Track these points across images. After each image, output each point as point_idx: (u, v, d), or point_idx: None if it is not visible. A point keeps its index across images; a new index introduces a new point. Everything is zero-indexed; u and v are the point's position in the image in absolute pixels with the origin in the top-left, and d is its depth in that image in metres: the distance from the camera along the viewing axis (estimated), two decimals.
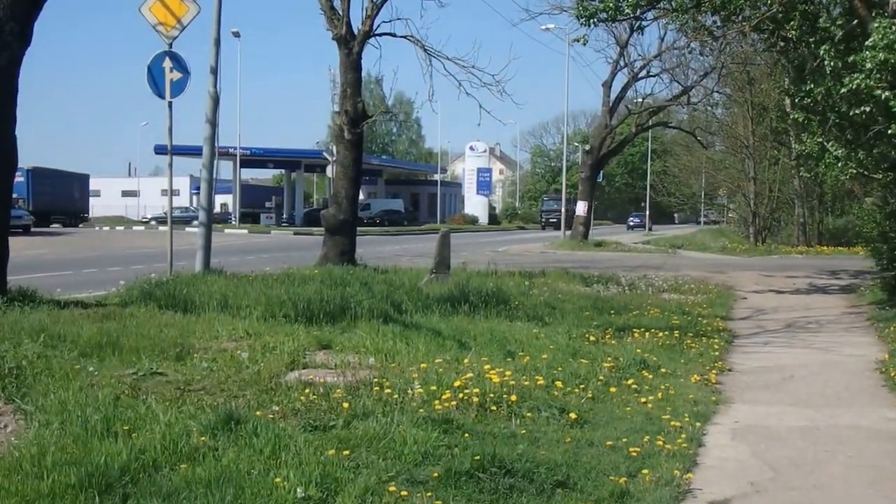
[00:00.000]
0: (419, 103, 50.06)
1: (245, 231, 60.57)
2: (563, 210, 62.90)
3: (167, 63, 16.99)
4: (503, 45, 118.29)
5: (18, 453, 6.06)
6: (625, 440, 6.96)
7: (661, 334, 12.27)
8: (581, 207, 46.70)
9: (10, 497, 5.31)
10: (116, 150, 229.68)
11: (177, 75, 17.05)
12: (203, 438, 6.36)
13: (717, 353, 11.61)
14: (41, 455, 5.93)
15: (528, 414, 7.61)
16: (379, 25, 21.77)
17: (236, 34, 63.29)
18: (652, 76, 44.56)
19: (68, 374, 8.09)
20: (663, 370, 9.97)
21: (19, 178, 47.85)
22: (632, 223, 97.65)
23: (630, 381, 9.08)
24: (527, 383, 8.46)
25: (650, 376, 9.52)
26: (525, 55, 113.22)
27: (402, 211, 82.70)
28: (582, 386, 8.71)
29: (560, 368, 9.29)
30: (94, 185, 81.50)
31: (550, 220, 79.32)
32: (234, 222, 68.86)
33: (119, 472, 5.68)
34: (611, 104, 45.02)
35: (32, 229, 50.43)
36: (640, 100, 47.26)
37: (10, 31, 12.11)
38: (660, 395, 8.68)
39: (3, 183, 12.31)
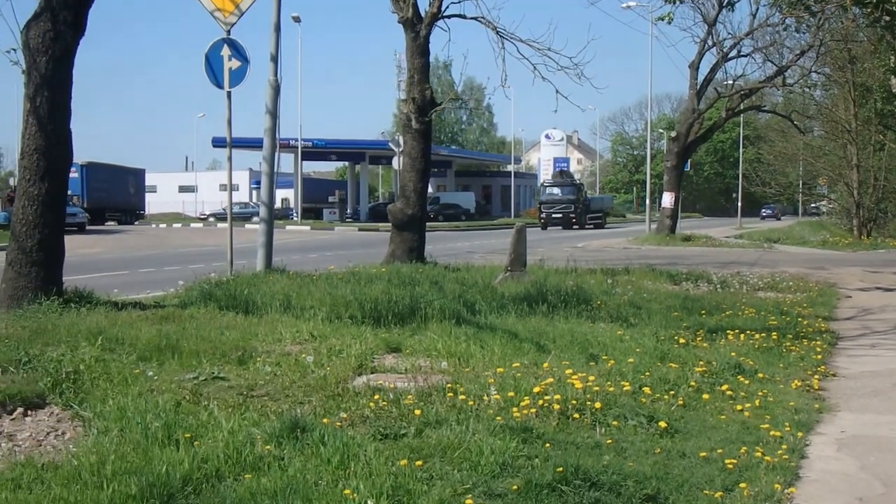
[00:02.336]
0: (491, 89, 49.80)
1: (307, 227, 61.14)
2: (578, 200, 66.42)
3: (225, 51, 17.16)
4: (581, 26, 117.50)
5: (77, 462, 6.14)
6: (720, 451, 6.86)
7: (757, 336, 12.10)
8: (667, 199, 46.29)
9: None
10: (173, 144, 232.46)
11: (235, 64, 17.20)
12: (268, 447, 6.41)
13: (819, 357, 11.40)
14: (101, 464, 6.01)
15: (614, 422, 7.53)
16: (448, 6, 21.62)
17: (296, 19, 63.95)
18: (743, 56, 44.05)
19: (127, 378, 8.24)
20: (760, 375, 9.81)
21: (73, 174, 48.66)
22: (764, 214, 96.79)
23: (724, 387, 8.96)
24: (612, 389, 8.39)
25: (746, 382, 9.37)
26: (605, 36, 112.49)
27: (460, 205, 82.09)
28: (672, 392, 8.61)
29: (647, 373, 9.20)
30: (150, 180, 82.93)
31: (554, 215, 68.96)
32: (295, 218, 69.45)
33: (181, 481, 5.75)
34: (698, 87, 44.51)
35: (87, 227, 51.35)
36: (730, 82, 46.65)
37: (63, 21, 12.33)
38: (757, 402, 8.55)
39: (58, 179, 12.51)
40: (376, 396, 7.86)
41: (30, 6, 12.36)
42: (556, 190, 71.53)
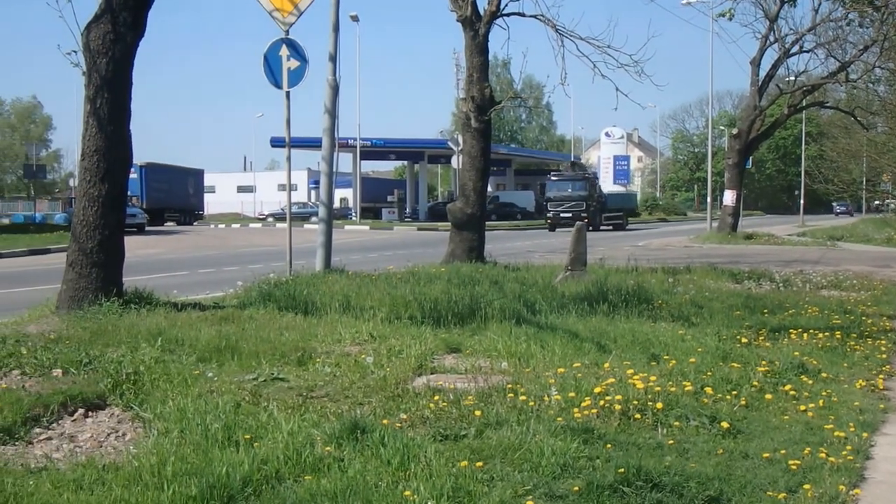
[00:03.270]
0: (550, 87, 49.88)
1: (366, 227, 61.39)
2: (591, 196, 60.17)
3: (284, 51, 17.24)
4: (641, 23, 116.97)
5: (138, 463, 6.20)
6: (783, 452, 6.76)
7: (820, 335, 11.93)
8: (729, 197, 45.83)
9: None
10: (231, 144, 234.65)
11: (294, 64, 17.29)
12: (328, 448, 6.42)
13: (884, 357, 11.20)
14: (161, 465, 6.06)
15: (676, 423, 7.46)
16: (506, 4, 21.69)
17: (355, 18, 64.24)
18: (805, 52, 43.37)
19: (187, 379, 8.30)
20: (824, 375, 9.68)
21: (133, 175, 49.11)
22: (838, 210, 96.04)
23: (787, 387, 8.84)
24: (673, 389, 8.30)
25: (810, 382, 9.24)
26: (665, 33, 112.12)
27: (518, 204, 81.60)
28: (734, 392, 8.51)
29: (709, 373, 9.10)
30: (208, 180, 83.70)
31: (563, 214, 58.85)
32: (354, 218, 69.68)
33: (241, 483, 5.77)
34: (760, 83, 44.05)
35: (146, 228, 51.98)
36: (792, 78, 46.07)
37: (123, 22, 12.43)
38: (821, 402, 8.42)
39: (118, 180, 12.61)
40: (436, 397, 7.86)
41: (90, 9, 12.49)
42: (565, 185, 62.70)
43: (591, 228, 54.27)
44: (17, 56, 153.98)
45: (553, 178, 65.71)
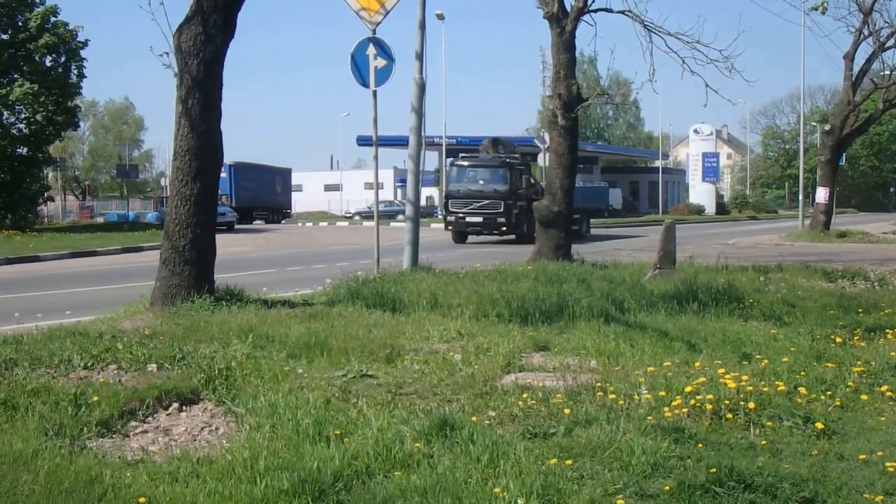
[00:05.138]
0: (638, 84, 48.80)
1: None
2: (513, 191, 38.70)
3: (371, 50, 17.36)
4: (730, 17, 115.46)
5: (231, 457, 6.31)
6: (879, 454, 6.61)
7: None
8: (821, 194, 45.07)
9: (225, 501, 5.54)
10: (318, 143, 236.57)
11: (381, 63, 17.40)
12: (417, 444, 6.45)
13: None
14: (254, 459, 6.15)
15: (768, 423, 7.33)
16: (593, 1, 21.57)
17: (440, 16, 64.17)
18: None
19: (277, 375, 8.40)
20: None
21: (222, 174, 49.83)
22: None
23: (884, 388, 8.62)
24: (766, 389, 8.16)
25: None
26: (755, 27, 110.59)
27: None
28: (828, 393, 8.35)
29: (803, 373, 8.94)
30: (296, 179, 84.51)
31: (469, 218, 39.47)
32: (440, 216, 69.72)
33: (332, 478, 5.83)
34: (853, 78, 43.23)
35: (235, 226, 52.68)
36: (887, 72, 45.17)
37: (213, 24, 12.62)
38: None
39: (209, 179, 12.80)
40: (525, 395, 7.85)
41: (181, 11, 12.71)
42: (474, 174, 40.91)
43: (519, 237, 38.36)
44: (110, 58, 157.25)
45: (458, 163, 42.30)
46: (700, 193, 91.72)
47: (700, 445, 6.64)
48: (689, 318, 12.49)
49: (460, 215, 39.46)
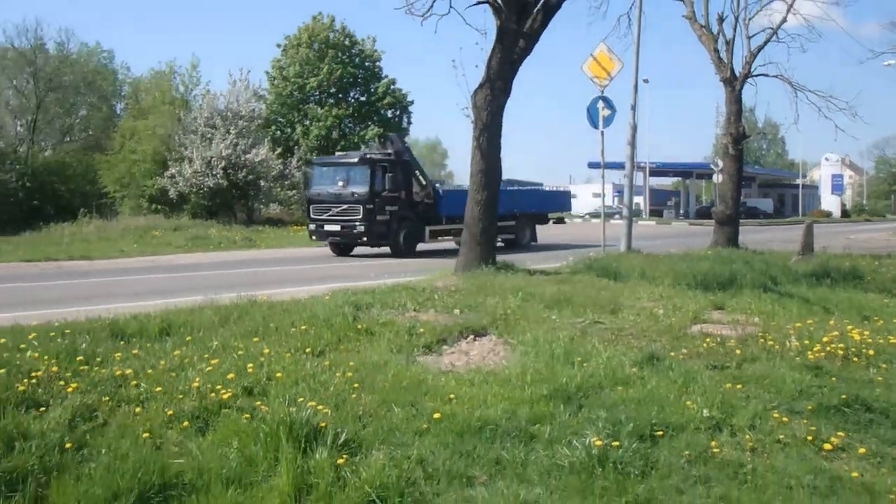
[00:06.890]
0: (785, 126, 46.60)
1: (653, 223, 59.59)
2: (376, 194, 20.47)
3: (600, 104, 17.44)
4: (855, 76, 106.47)
5: (508, 371, 6.42)
6: None
7: None
8: None
9: (504, 400, 5.63)
10: (560, 164, 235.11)
11: (607, 112, 17.47)
12: (633, 370, 6.38)
13: None
14: (523, 374, 6.24)
15: (883, 365, 6.89)
16: (755, 68, 21.48)
17: (646, 81, 62.28)
18: None
19: (538, 320, 8.43)
20: None
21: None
22: None
23: None
24: (881, 341, 7.61)
25: None
26: (872, 85, 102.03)
27: (760, 207, 75.68)
28: None
29: None
30: None
31: (327, 227, 21.19)
32: (644, 217, 68.09)
33: (575, 389, 5.85)
34: None
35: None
36: None
37: (497, 88, 12.80)
38: None
39: (492, 190, 13.00)
40: (707, 339, 7.59)
41: (476, 77, 13.06)
42: (333, 174, 21.58)
43: (392, 251, 21.28)
44: (427, 108, 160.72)
45: (317, 162, 24.22)
46: (829, 203, 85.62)
47: (833, 379, 6.34)
48: (824, 290, 11.80)
49: (320, 223, 21.45)
